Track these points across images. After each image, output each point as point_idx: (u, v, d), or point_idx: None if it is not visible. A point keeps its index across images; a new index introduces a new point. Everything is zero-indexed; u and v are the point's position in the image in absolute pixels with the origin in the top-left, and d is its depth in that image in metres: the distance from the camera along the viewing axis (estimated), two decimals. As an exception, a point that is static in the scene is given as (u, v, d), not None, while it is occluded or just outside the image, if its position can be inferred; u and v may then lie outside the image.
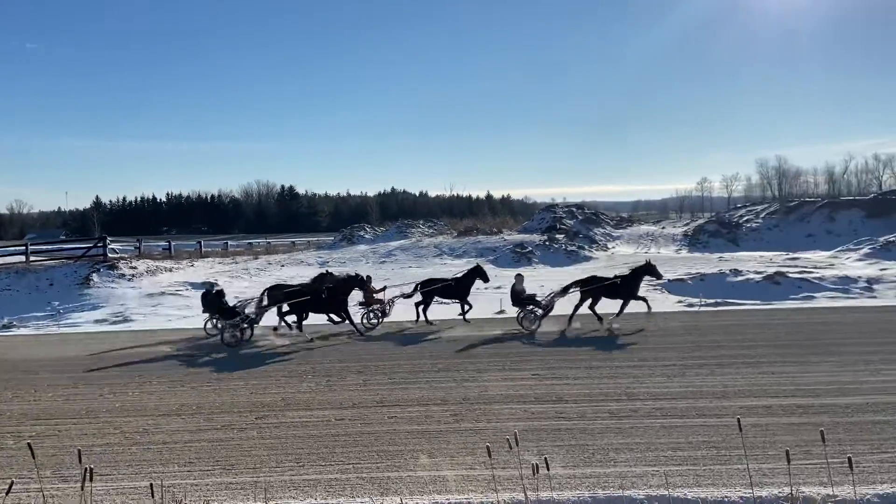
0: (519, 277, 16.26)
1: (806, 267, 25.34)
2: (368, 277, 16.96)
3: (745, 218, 45.03)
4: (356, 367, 11.85)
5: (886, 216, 38.14)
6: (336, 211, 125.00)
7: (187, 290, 24.26)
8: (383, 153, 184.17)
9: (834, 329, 14.03)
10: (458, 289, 17.09)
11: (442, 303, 17.85)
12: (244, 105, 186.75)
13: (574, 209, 53.81)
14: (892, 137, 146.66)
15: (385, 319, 16.51)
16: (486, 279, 17.52)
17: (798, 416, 8.19)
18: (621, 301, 15.72)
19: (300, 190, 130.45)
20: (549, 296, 15.90)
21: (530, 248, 36.70)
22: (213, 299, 15.02)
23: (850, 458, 4.99)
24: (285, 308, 15.56)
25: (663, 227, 51.74)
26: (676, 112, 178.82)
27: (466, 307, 16.93)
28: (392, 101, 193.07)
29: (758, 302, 19.42)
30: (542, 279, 24.54)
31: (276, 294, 15.98)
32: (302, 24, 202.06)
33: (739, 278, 22.35)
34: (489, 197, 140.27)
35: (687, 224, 52.45)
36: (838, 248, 31.52)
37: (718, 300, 19.56)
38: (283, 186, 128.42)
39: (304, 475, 6.87)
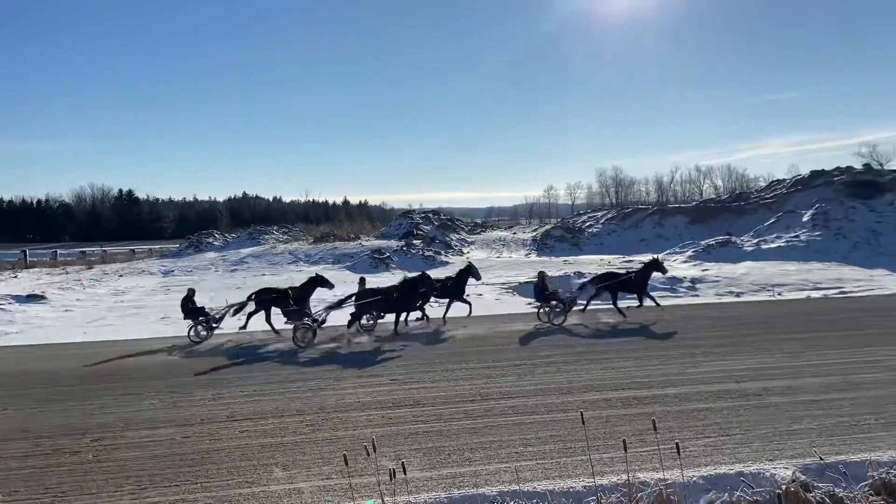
0: (541, 274, 17.13)
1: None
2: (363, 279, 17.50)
3: (587, 223, 47.99)
4: (204, 381, 11.29)
5: (706, 222, 42.22)
6: (182, 217, 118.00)
7: (10, 303, 21.93)
8: (233, 156, 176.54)
9: (662, 325, 15.30)
10: (453, 289, 17.23)
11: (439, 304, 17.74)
12: (71, 102, 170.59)
13: (430, 215, 54.72)
14: (710, 151, 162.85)
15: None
16: (478, 277, 17.76)
17: (634, 407, 8.86)
18: (636, 294, 17.17)
19: (141, 194, 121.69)
20: (571, 292, 17.10)
21: (388, 254, 36.83)
22: (183, 302, 15.48)
23: (677, 444, 5.48)
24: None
25: (514, 233, 53.93)
26: (525, 122, 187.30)
27: (467, 307, 17.08)
28: (242, 104, 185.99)
29: (597, 301, 20.74)
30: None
31: (363, 294, 15.73)
32: (143, 20, 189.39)
33: (582, 280, 23.80)
34: (346, 203, 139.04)
35: (535, 229, 55.04)
36: (667, 251, 34.42)
37: (564, 301, 20.66)
38: (120, 191, 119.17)
39: (146, 499, 6.45)
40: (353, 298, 15.63)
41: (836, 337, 13.10)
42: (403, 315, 16.35)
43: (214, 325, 15.44)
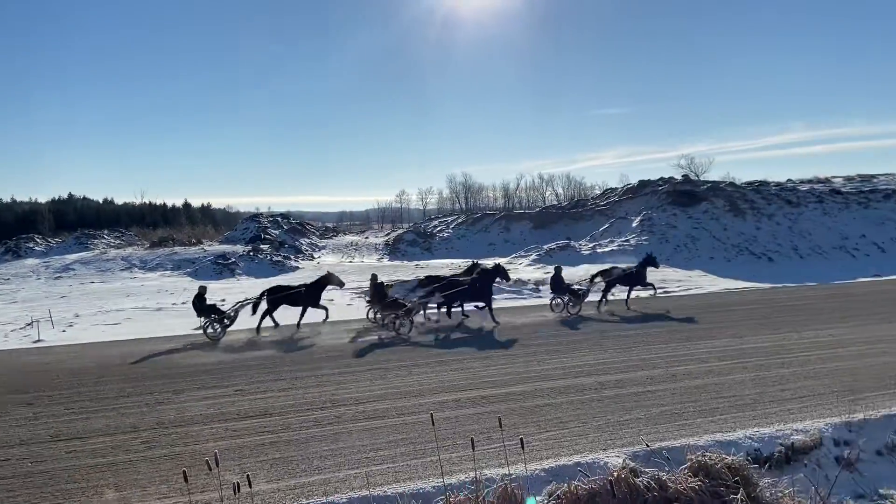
0: (558, 268, 18.82)
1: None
2: (374, 276, 18.18)
3: (438, 228, 48.99)
4: (24, 399, 10.21)
5: (548, 227, 44.62)
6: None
7: None
8: (54, 154, 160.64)
9: (508, 326, 15.93)
10: (478, 290, 16.97)
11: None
12: None
13: (280, 219, 53.19)
14: (553, 160, 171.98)
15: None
16: (507, 278, 17.99)
17: (482, 406, 9.14)
18: (631, 287, 19.36)
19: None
20: (582, 285, 18.97)
21: (233, 260, 35.34)
22: (195, 300, 15.48)
23: (521, 440, 5.73)
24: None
25: (367, 237, 53.83)
26: (377, 127, 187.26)
27: (487, 309, 16.94)
28: (68, 99, 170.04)
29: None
30: (245, 291, 23.78)
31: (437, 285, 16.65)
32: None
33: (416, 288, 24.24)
34: (187, 205, 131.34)
35: (388, 234, 55.27)
36: (513, 255, 35.97)
37: (415, 305, 20.92)
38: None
39: (-51, 536, 5.72)
40: (438, 288, 16.59)
41: (660, 332, 14.33)
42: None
43: (228, 322, 15.59)
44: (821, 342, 12.94)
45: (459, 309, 17.40)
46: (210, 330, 15.21)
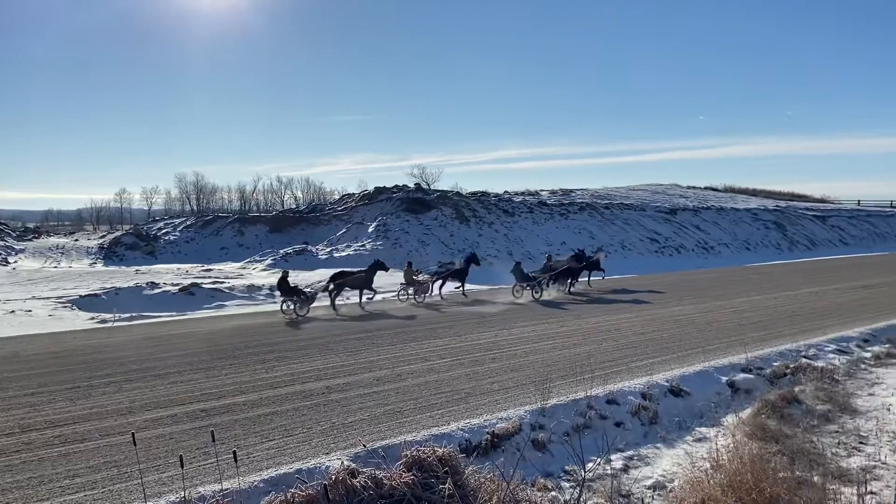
0: (549, 256, 25.26)
1: (219, 277, 27.11)
2: (410, 263, 22.95)
3: (163, 230, 45.35)
4: None
5: (285, 230, 43.88)
6: None
7: None
8: None
9: (239, 333, 15.31)
10: (460, 272, 22.60)
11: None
12: None
13: (-39, 216, 44.92)
14: (291, 163, 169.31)
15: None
16: (478, 263, 23.72)
17: (201, 420, 8.62)
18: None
19: None
20: (547, 275, 22.51)
21: None
22: (280, 282, 18.49)
23: (234, 452, 5.52)
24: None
25: (76, 240, 47.77)
26: (90, 118, 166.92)
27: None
28: None
29: (174, 313, 19.80)
30: None
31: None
32: None
33: (156, 291, 22.44)
34: None
35: (103, 236, 49.66)
36: (247, 260, 34.72)
37: (134, 314, 19.15)
38: None
39: None
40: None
41: (387, 334, 14.87)
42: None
43: (309, 303, 18.37)
44: (525, 337, 14.48)
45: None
46: (285, 307, 18.43)
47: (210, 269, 31.24)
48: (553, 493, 6.93)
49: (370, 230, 38.92)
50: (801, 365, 11.89)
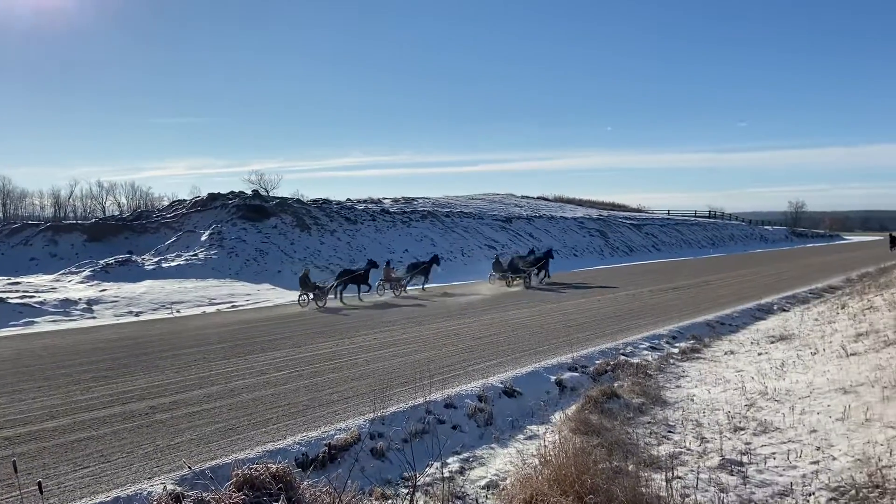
0: (548, 252, 30.48)
1: (28, 291, 24.45)
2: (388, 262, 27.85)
3: (-41, 239, 40.08)
4: None
5: (106, 239, 40.43)
6: None
7: None
8: None
9: (51, 352, 13.90)
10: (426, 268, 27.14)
11: None
12: None
13: None
14: (114, 167, 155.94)
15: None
16: (439, 263, 28.25)
17: (3, 450, 7.70)
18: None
19: None
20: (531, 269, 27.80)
21: None
22: (302, 278, 22.39)
23: (39, 483, 4.97)
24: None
25: None
26: None
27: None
28: None
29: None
30: None
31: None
32: None
33: None
34: None
35: None
36: (61, 272, 31.56)
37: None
38: None
39: None
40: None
41: (220, 349, 14.18)
42: None
43: (325, 295, 22.40)
44: (367, 346, 14.45)
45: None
46: (303, 299, 22.14)
47: (18, 283, 28.02)
48: (390, 501, 6.95)
49: (203, 238, 36.95)
50: (620, 362, 12.91)
